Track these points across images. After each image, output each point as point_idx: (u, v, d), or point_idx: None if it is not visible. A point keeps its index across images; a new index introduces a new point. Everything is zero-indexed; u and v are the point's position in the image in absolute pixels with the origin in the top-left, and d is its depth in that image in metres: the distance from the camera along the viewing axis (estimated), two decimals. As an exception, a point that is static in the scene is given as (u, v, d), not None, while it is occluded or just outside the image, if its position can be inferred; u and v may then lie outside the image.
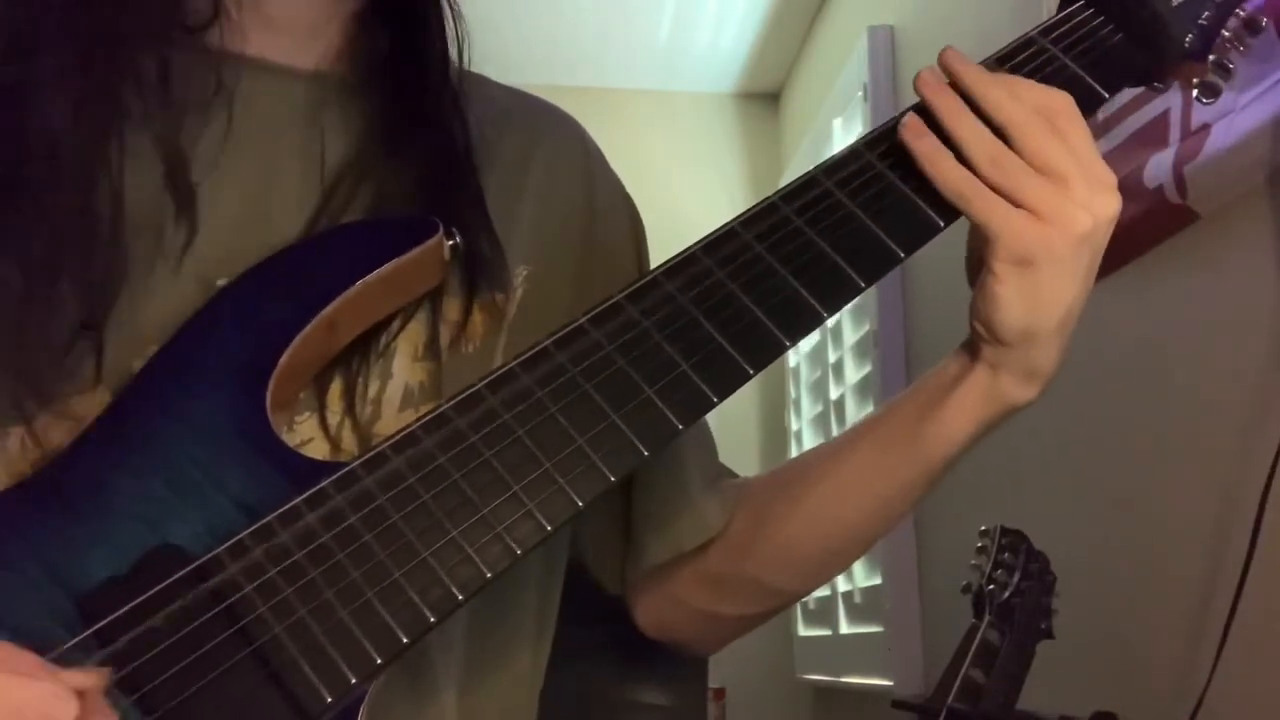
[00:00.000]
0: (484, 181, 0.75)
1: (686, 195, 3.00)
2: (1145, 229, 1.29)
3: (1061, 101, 0.65)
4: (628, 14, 2.92)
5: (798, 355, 2.80)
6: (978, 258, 0.66)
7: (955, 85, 0.66)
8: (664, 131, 3.23)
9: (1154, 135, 1.27)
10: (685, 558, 0.78)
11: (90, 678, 0.47)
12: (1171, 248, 1.26)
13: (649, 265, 0.85)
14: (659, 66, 3.17)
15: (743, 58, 3.14)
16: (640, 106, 3.23)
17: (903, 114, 0.67)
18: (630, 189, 0.87)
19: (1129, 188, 1.31)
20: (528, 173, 0.79)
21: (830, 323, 2.58)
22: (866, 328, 2.30)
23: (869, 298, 2.27)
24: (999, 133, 0.64)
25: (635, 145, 3.11)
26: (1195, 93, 0.75)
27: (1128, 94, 1.33)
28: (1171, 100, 1.24)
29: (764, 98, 3.32)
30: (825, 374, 2.58)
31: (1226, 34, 0.74)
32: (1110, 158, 1.36)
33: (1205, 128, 1.16)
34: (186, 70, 0.68)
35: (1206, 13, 0.73)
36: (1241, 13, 0.74)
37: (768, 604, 0.81)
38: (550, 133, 0.83)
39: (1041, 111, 0.64)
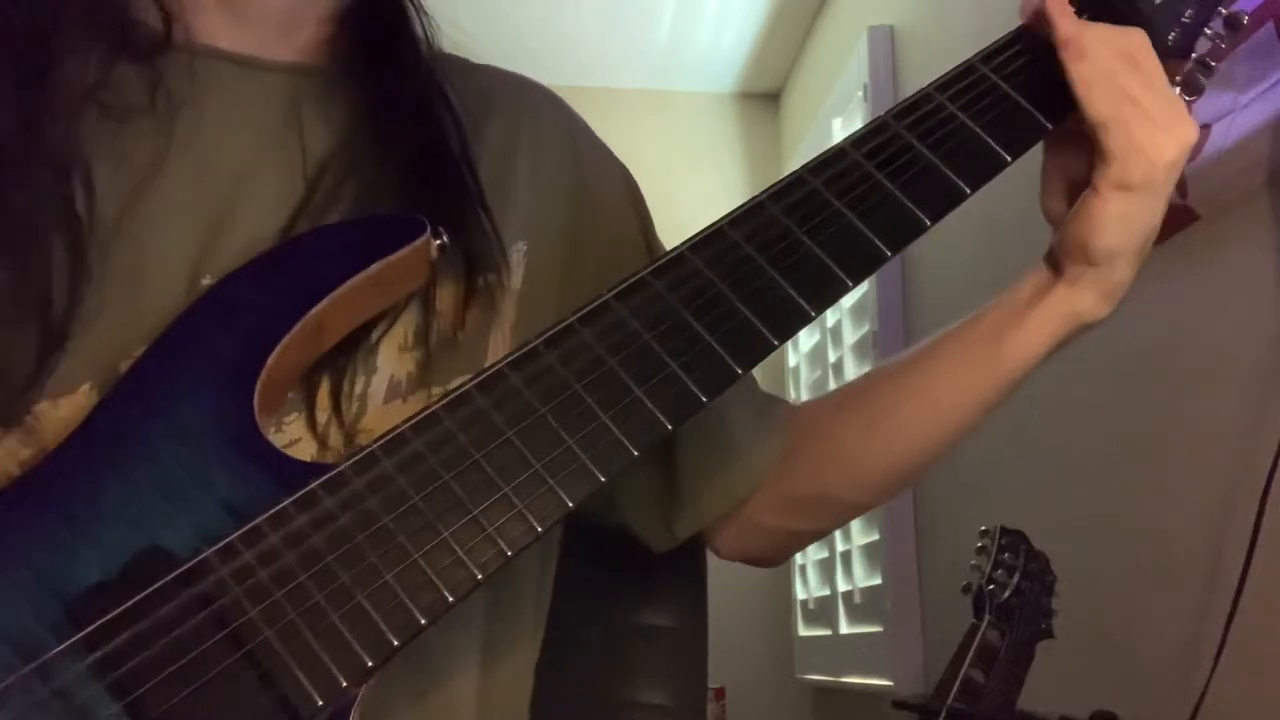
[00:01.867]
0: (476, 164, 0.75)
1: (686, 195, 3.00)
2: (1145, 229, 1.28)
3: (1139, 40, 0.69)
4: (628, 14, 2.92)
5: (798, 355, 2.80)
6: (1074, 183, 0.71)
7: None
8: (664, 131, 3.23)
9: (1154, 135, 1.26)
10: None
11: None
12: (1171, 248, 1.26)
13: (653, 227, 0.86)
14: (659, 66, 3.17)
15: (743, 58, 3.13)
16: (640, 106, 3.23)
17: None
18: (630, 189, 0.87)
19: (1129, 187, 1.30)
20: (517, 151, 0.80)
21: (830, 323, 2.59)
22: (866, 328, 2.30)
23: (869, 298, 2.28)
24: None
25: (635, 145, 3.08)
26: (1178, 90, 0.76)
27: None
28: (1171, 100, 1.24)
29: (764, 98, 3.32)
30: (825, 374, 2.57)
31: (1209, 32, 0.75)
32: (1110, 157, 1.36)
33: (1205, 128, 1.16)
34: (157, 67, 0.68)
35: (1189, 10, 0.74)
36: (1224, 11, 0.75)
37: (844, 516, 0.85)
38: (534, 108, 0.84)
39: (1122, 53, 0.68)
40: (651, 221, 0.86)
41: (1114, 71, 0.68)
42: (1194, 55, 0.75)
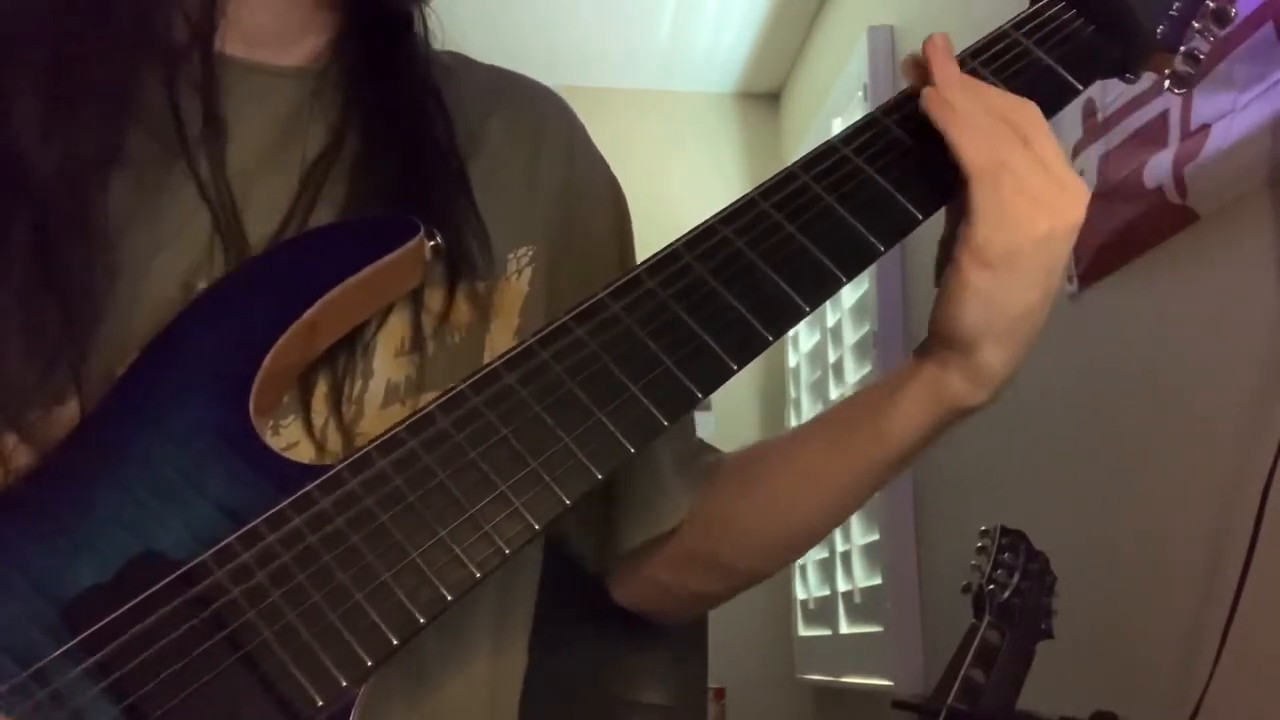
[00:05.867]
0: (470, 166, 0.75)
1: (686, 195, 3.00)
2: (1145, 229, 1.28)
3: (1028, 110, 0.66)
4: (628, 14, 2.92)
5: (798, 355, 2.80)
6: (947, 258, 0.67)
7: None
8: (664, 131, 3.23)
9: (1154, 135, 1.26)
10: (658, 538, 0.79)
11: None
12: (1171, 248, 1.26)
13: (632, 248, 0.85)
14: (659, 66, 3.17)
15: (743, 58, 3.13)
16: (641, 106, 3.23)
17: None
18: (630, 189, 0.87)
19: (1129, 188, 1.31)
20: (516, 153, 0.80)
21: (830, 322, 2.59)
22: (866, 328, 2.30)
23: (869, 298, 2.28)
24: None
25: (635, 145, 3.11)
26: (1166, 83, 0.76)
27: (1127, 94, 1.33)
28: (1171, 100, 1.24)
29: (764, 98, 3.32)
30: (825, 374, 2.57)
31: (1196, 25, 0.74)
32: (1110, 158, 1.36)
33: (1205, 128, 1.16)
34: (176, 75, 0.68)
35: (1177, 3, 0.74)
36: (1211, 3, 0.75)
37: (731, 582, 0.82)
38: (538, 112, 0.83)
39: (1008, 120, 0.65)
40: (632, 240, 0.85)
41: (989, 130, 0.64)
42: (1182, 48, 0.75)
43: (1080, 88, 0.71)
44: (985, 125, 0.64)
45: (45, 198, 0.62)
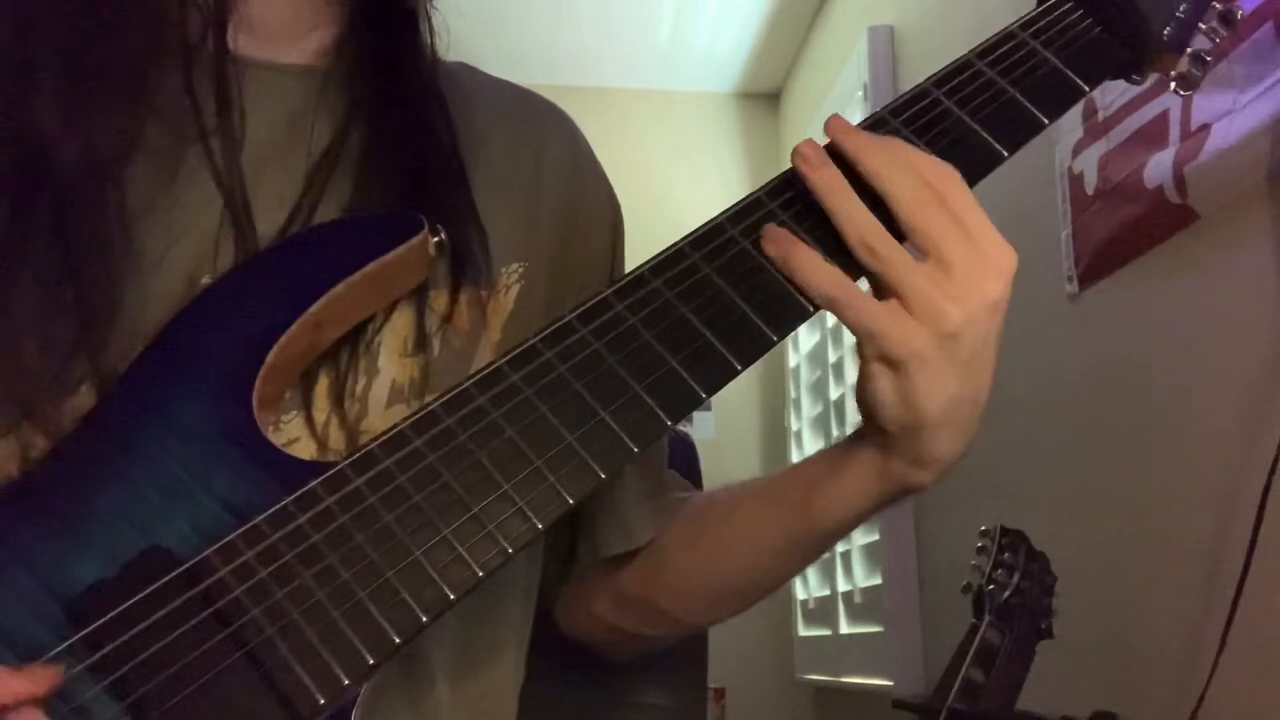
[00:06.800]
0: (472, 173, 0.75)
1: (686, 195, 3.01)
2: (1145, 229, 1.29)
3: (946, 171, 0.62)
4: (628, 14, 2.92)
5: (798, 355, 2.80)
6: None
7: (836, 152, 0.64)
8: (664, 131, 3.23)
9: (1154, 135, 1.27)
10: (602, 568, 0.79)
11: (24, 683, 0.47)
12: (1171, 248, 1.26)
13: (622, 268, 0.85)
14: (659, 66, 3.17)
15: (743, 58, 3.14)
16: (640, 106, 3.23)
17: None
18: (630, 189, 0.87)
19: (1129, 188, 1.31)
20: (518, 167, 0.79)
21: (830, 323, 2.59)
22: (866, 328, 2.29)
23: (869, 298, 2.27)
24: (879, 205, 0.62)
25: (635, 145, 3.11)
26: (1173, 85, 0.76)
27: (1127, 95, 1.33)
28: (1171, 100, 1.24)
29: (764, 98, 3.32)
30: (825, 374, 2.58)
31: (1203, 26, 0.74)
32: (1110, 158, 1.36)
33: (1205, 128, 1.16)
34: (187, 73, 0.68)
35: (1184, 5, 0.74)
36: (1218, 5, 0.74)
37: (664, 629, 0.81)
38: (542, 127, 0.83)
39: (927, 182, 0.62)
40: (623, 259, 0.85)
41: (852, 221, 0.60)
42: (1189, 50, 0.74)
43: (1087, 89, 0.70)
44: (850, 229, 0.61)
45: (65, 187, 0.62)
